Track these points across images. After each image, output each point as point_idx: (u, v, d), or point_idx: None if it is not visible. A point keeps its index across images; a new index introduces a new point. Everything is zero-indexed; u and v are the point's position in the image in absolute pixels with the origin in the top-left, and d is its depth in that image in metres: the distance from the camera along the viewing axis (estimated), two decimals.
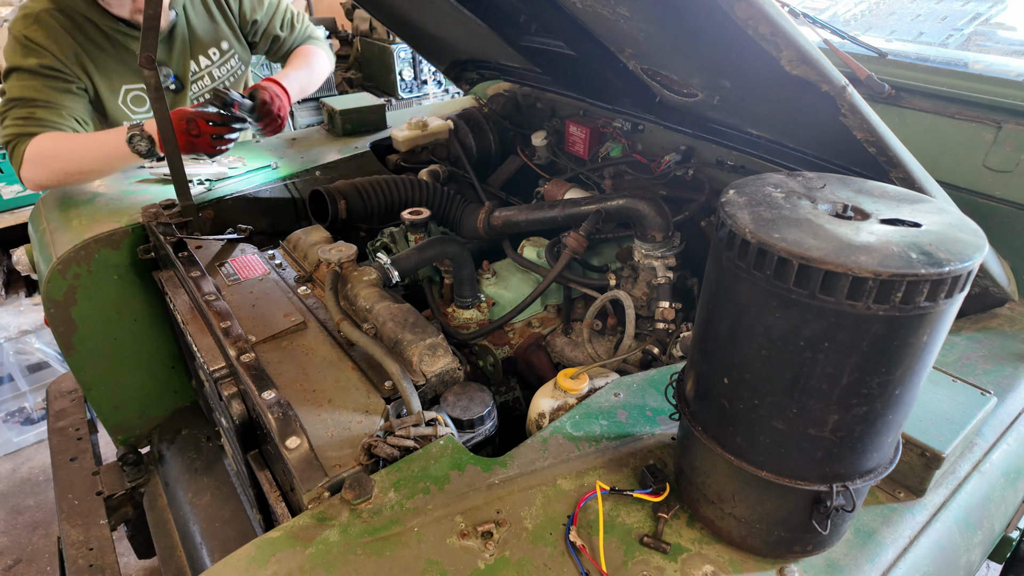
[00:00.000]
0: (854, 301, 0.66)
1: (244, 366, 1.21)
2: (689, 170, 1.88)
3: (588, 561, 0.87)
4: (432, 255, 1.77)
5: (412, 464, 1.02)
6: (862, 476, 0.81)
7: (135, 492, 2.02)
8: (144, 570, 2.77)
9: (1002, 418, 1.15)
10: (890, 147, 1.06)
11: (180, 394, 2.18)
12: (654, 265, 1.65)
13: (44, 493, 3.19)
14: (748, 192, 0.80)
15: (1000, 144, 1.43)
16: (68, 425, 2.14)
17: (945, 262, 0.65)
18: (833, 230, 0.71)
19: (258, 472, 1.25)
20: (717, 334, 0.80)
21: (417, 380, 1.31)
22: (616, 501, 0.96)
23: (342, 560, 0.87)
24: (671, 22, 1.22)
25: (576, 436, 1.08)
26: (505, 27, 1.96)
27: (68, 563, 1.68)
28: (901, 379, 0.72)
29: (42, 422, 3.49)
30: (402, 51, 6.24)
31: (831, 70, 0.97)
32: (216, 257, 1.69)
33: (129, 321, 1.94)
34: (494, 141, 2.50)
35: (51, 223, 1.93)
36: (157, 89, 1.64)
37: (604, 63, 1.68)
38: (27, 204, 4.31)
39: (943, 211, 0.77)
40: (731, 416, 0.81)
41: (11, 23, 2.05)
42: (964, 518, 1.01)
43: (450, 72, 2.84)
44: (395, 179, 1.94)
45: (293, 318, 1.44)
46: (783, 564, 0.88)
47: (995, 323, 1.36)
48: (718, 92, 1.47)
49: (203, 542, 1.74)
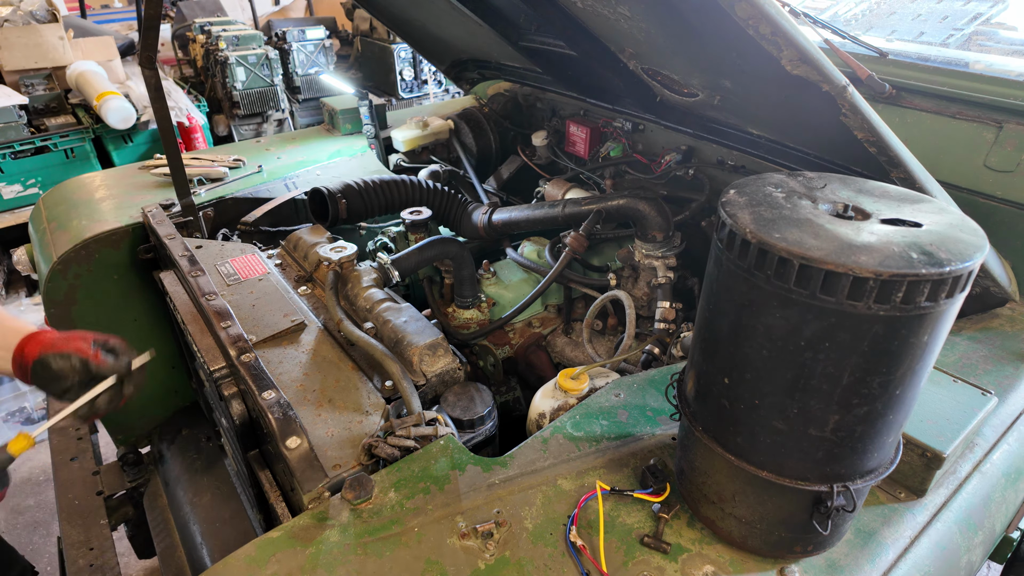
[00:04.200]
0: (855, 301, 0.66)
1: (244, 366, 1.21)
2: (690, 170, 1.88)
3: (588, 561, 0.87)
4: (432, 255, 1.77)
5: (412, 464, 1.02)
6: (863, 476, 0.81)
7: (135, 492, 2.02)
8: (144, 570, 2.76)
9: (1003, 418, 1.15)
10: (891, 147, 1.06)
11: (180, 394, 2.18)
12: (655, 265, 1.65)
13: (44, 493, 3.19)
14: (749, 192, 0.80)
15: (1001, 144, 1.42)
16: (68, 425, 2.14)
17: (946, 262, 0.65)
18: (834, 230, 0.71)
19: (258, 472, 1.25)
20: (718, 334, 0.80)
21: (417, 380, 1.31)
22: (616, 501, 0.96)
23: (342, 560, 0.87)
24: (672, 22, 1.22)
25: (576, 436, 1.08)
26: (506, 27, 1.96)
27: (68, 563, 1.68)
28: (902, 379, 0.72)
29: (42, 422, 3.49)
30: (402, 51, 6.24)
31: (832, 70, 0.97)
32: (216, 257, 1.69)
33: (129, 321, 1.94)
34: (494, 141, 2.50)
35: (51, 223, 1.93)
36: (157, 89, 1.64)
37: (605, 63, 1.68)
38: (27, 204, 4.31)
39: (944, 211, 0.76)
40: (732, 416, 0.81)
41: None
42: (965, 518, 1.01)
43: (450, 72, 2.84)
44: (395, 179, 1.94)
45: (293, 318, 1.44)
46: (784, 564, 0.88)
47: (996, 323, 1.36)
48: (719, 92, 1.47)
49: (203, 542, 1.74)
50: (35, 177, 4.31)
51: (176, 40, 6.56)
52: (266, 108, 5.67)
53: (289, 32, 6.12)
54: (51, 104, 4.58)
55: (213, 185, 2.11)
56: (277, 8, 8.15)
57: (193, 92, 5.53)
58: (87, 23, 5.99)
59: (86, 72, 4.61)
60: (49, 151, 4.31)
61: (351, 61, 7.05)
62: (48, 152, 4.31)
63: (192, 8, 6.80)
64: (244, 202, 2.07)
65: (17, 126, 4.19)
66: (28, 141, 4.21)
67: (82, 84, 4.54)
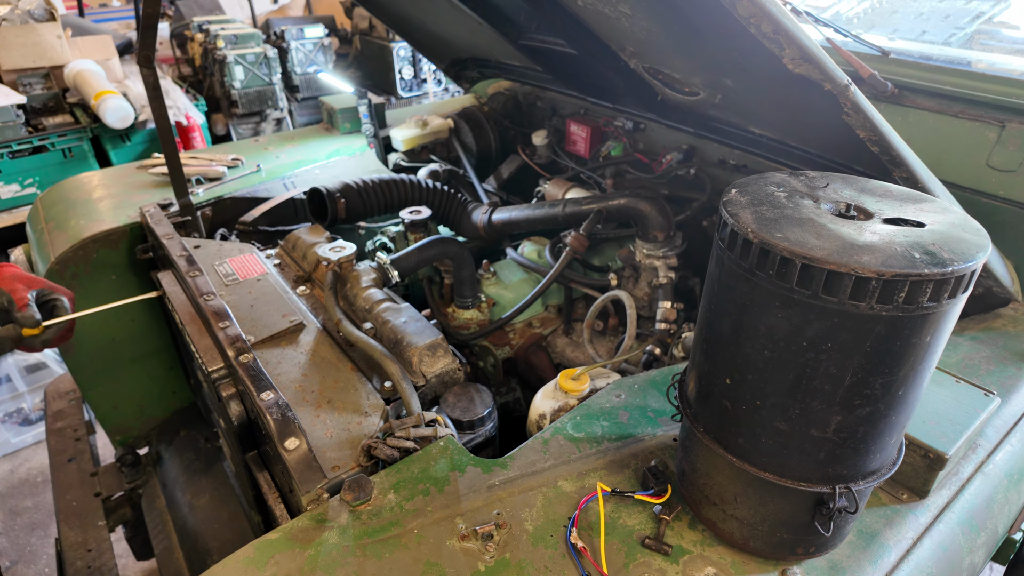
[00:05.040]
0: (857, 301, 0.65)
1: (242, 367, 1.21)
2: (691, 169, 1.87)
3: (589, 563, 0.87)
4: (432, 255, 1.76)
5: (412, 465, 1.01)
6: (865, 477, 0.80)
7: (133, 493, 2.02)
8: (143, 571, 2.76)
9: (1006, 419, 1.15)
10: (893, 146, 1.05)
11: (178, 395, 2.17)
12: (656, 265, 1.64)
13: (42, 494, 3.19)
14: (750, 191, 0.79)
15: (1004, 143, 1.42)
16: (66, 426, 2.13)
17: (948, 262, 0.64)
18: (836, 230, 0.70)
19: (257, 473, 1.24)
20: (719, 334, 0.80)
21: (417, 381, 1.30)
22: (617, 503, 0.96)
23: (341, 562, 0.87)
24: (673, 20, 1.21)
25: (577, 437, 1.08)
26: (506, 25, 1.96)
27: (66, 564, 1.67)
28: (904, 380, 0.71)
29: (40, 423, 3.48)
30: (402, 49, 6.24)
31: (834, 69, 0.97)
32: (214, 257, 1.68)
33: (127, 321, 1.93)
34: (494, 140, 2.49)
35: (49, 223, 1.93)
36: (155, 88, 1.64)
37: (605, 62, 1.67)
38: (25, 204, 4.30)
39: (946, 211, 0.76)
40: (733, 417, 0.81)
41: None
42: (967, 519, 1.01)
43: (450, 70, 2.83)
44: (394, 178, 1.94)
45: (292, 318, 1.43)
46: (785, 566, 0.88)
47: (999, 323, 1.36)
48: (720, 91, 1.46)
49: (202, 543, 1.73)
50: (33, 177, 4.30)
51: (174, 39, 6.55)
52: (264, 107, 5.66)
53: (288, 31, 6.11)
54: (49, 103, 4.57)
55: (211, 185, 2.10)
56: (276, 7, 8.14)
57: (191, 91, 5.53)
58: (85, 22, 5.98)
59: (84, 71, 4.60)
60: (47, 150, 4.30)
61: (350, 60, 7.04)
62: (46, 151, 4.30)
63: (190, 7, 6.79)
64: (242, 202, 2.07)
65: (15, 125, 4.18)
66: (26, 140, 4.20)
67: (80, 83, 4.53)
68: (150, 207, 1.83)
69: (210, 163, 2.19)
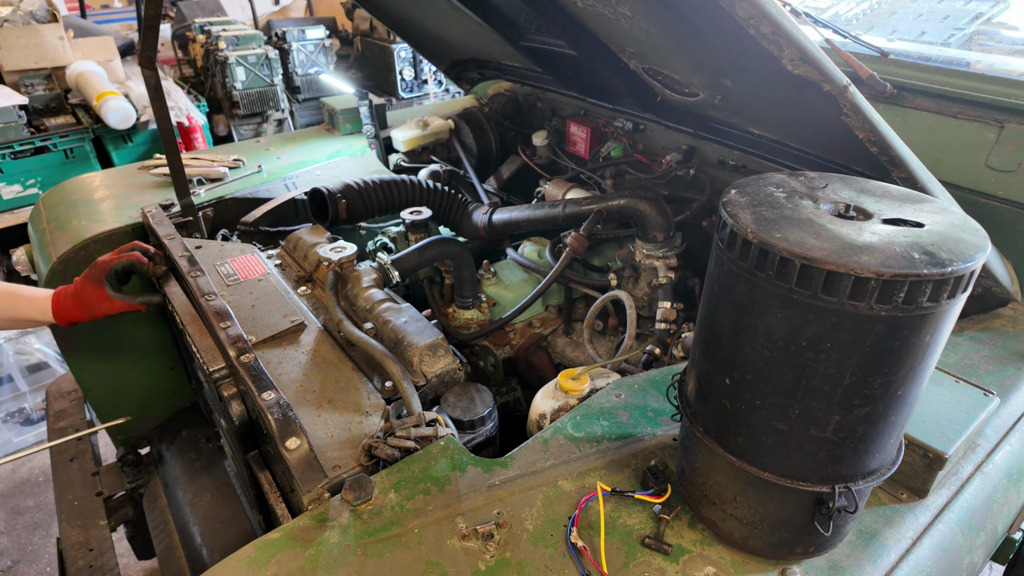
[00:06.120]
0: (856, 301, 0.66)
1: (244, 367, 1.21)
2: (690, 170, 1.87)
3: (589, 563, 0.87)
4: (432, 255, 1.76)
5: (412, 465, 1.02)
6: (864, 477, 0.80)
7: (135, 493, 2.02)
8: (144, 571, 2.76)
9: (1005, 419, 1.15)
10: (892, 147, 1.06)
11: (180, 395, 2.18)
12: (655, 265, 1.65)
13: (44, 494, 3.19)
14: (750, 192, 0.80)
15: (1003, 144, 1.42)
16: (68, 426, 2.14)
17: (948, 262, 0.64)
18: (835, 230, 0.70)
19: (258, 473, 1.25)
20: (719, 334, 0.80)
21: (418, 381, 1.30)
22: (617, 502, 0.96)
23: (342, 561, 0.87)
24: (673, 22, 1.22)
25: (577, 437, 1.08)
26: (506, 26, 1.96)
27: (68, 564, 1.68)
28: (903, 380, 0.71)
29: (42, 422, 3.49)
30: (402, 50, 6.25)
31: (833, 69, 0.97)
32: (216, 257, 1.69)
33: (128, 321, 1.93)
34: (495, 141, 2.50)
35: (51, 223, 1.93)
36: (157, 89, 1.64)
37: (605, 63, 1.67)
38: (27, 204, 4.31)
39: (945, 211, 0.76)
40: (733, 417, 0.81)
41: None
42: (967, 519, 1.01)
43: (451, 71, 2.84)
44: (395, 179, 1.94)
45: (293, 318, 1.43)
46: (785, 566, 0.88)
47: (998, 323, 1.36)
48: (719, 91, 1.47)
49: (203, 543, 1.74)
50: (35, 177, 4.31)
51: (176, 40, 6.56)
52: (266, 108, 5.67)
53: (289, 32, 6.12)
54: (51, 104, 4.58)
55: (213, 185, 2.11)
56: (277, 8, 8.15)
57: (193, 92, 5.54)
58: (87, 23, 5.99)
59: (86, 72, 4.61)
60: (49, 151, 4.31)
61: (351, 61, 7.06)
62: (48, 152, 4.31)
63: (192, 8, 6.80)
64: (244, 202, 2.07)
65: (17, 126, 4.19)
66: (28, 141, 4.21)
67: (82, 84, 4.54)
68: (152, 207, 1.84)
69: (211, 164, 2.20)
